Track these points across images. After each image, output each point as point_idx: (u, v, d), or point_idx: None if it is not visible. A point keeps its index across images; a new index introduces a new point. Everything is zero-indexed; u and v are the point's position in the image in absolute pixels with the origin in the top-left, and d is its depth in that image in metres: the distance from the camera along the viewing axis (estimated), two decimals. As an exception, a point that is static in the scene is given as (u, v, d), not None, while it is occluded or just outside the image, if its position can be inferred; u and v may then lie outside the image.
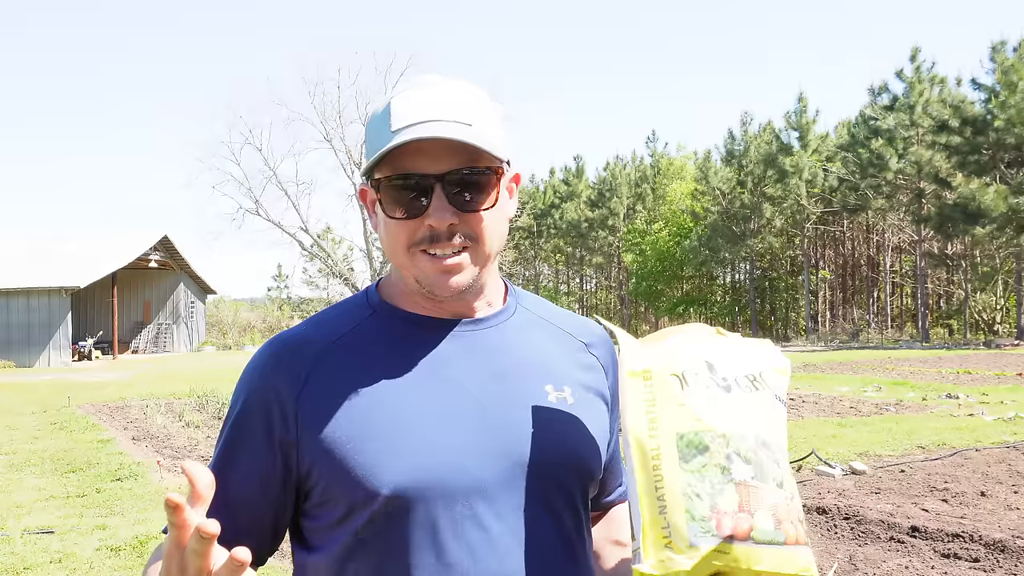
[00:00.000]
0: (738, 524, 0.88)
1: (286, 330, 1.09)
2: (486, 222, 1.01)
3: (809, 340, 38.20)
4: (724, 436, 0.93)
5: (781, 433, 1.00)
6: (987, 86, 31.73)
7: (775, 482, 0.92)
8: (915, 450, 8.13)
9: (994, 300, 38.80)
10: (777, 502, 0.91)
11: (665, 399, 0.96)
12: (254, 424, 1.02)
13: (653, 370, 0.98)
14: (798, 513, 0.94)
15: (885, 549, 4.85)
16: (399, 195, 0.99)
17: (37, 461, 8.71)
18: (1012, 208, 29.19)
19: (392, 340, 1.05)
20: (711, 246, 43.49)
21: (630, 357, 0.99)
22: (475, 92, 1.03)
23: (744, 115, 44.25)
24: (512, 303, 1.14)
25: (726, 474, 0.90)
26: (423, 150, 0.97)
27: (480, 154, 0.98)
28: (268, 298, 65.28)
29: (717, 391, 0.98)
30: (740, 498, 0.89)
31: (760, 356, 1.06)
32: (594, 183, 54.32)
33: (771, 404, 1.01)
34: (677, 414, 0.94)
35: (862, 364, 21.10)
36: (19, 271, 29.97)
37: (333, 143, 37.28)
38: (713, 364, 1.00)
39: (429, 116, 0.97)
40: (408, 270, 1.02)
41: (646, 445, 0.93)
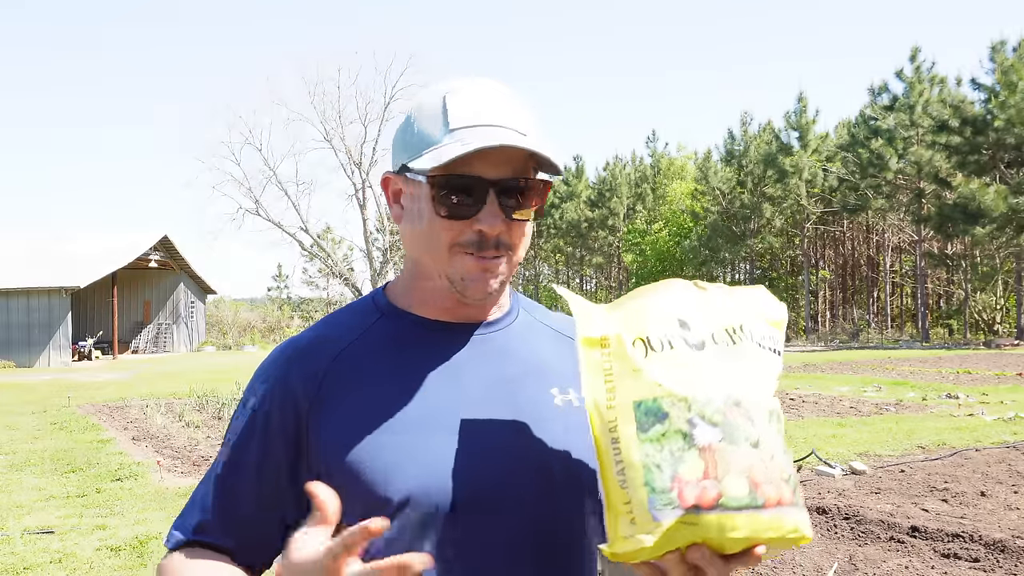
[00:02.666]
0: (703, 492, 0.82)
1: (299, 333, 1.10)
2: (527, 233, 1.02)
3: (809, 340, 38.21)
4: (685, 400, 0.86)
5: (762, 387, 0.92)
6: (987, 86, 31.74)
7: (748, 442, 0.85)
8: (915, 450, 8.13)
9: (994, 300, 38.80)
10: (752, 463, 0.84)
11: (622, 367, 0.90)
12: (269, 423, 1.02)
13: (611, 336, 0.92)
14: (781, 472, 0.86)
15: (885, 549, 4.85)
16: (452, 195, 0.97)
17: (37, 461, 8.71)
18: (1012, 208, 29.19)
19: (402, 344, 1.05)
20: (711, 246, 43.49)
21: (586, 324, 0.94)
22: (524, 100, 1.03)
23: (744, 115, 44.26)
24: (515, 306, 1.14)
25: (688, 440, 0.84)
26: (482, 154, 0.96)
27: (533, 163, 0.99)
28: (268, 298, 65.32)
29: (686, 351, 0.91)
30: (705, 464, 0.83)
31: (746, 306, 0.99)
32: (594, 183, 54.34)
33: (753, 357, 0.94)
34: (634, 380, 0.89)
35: (862, 364, 21.10)
36: (19, 271, 29.97)
37: (333, 143, 37.30)
38: (686, 321, 0.94)
39: (489, 120, 0.96)
40: (443, 268, 1.01)
41: (604, 416, 0.89)
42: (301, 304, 60.50)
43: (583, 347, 0.93)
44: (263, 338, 43.86)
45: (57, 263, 30.53)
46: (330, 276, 49.68)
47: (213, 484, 1.04)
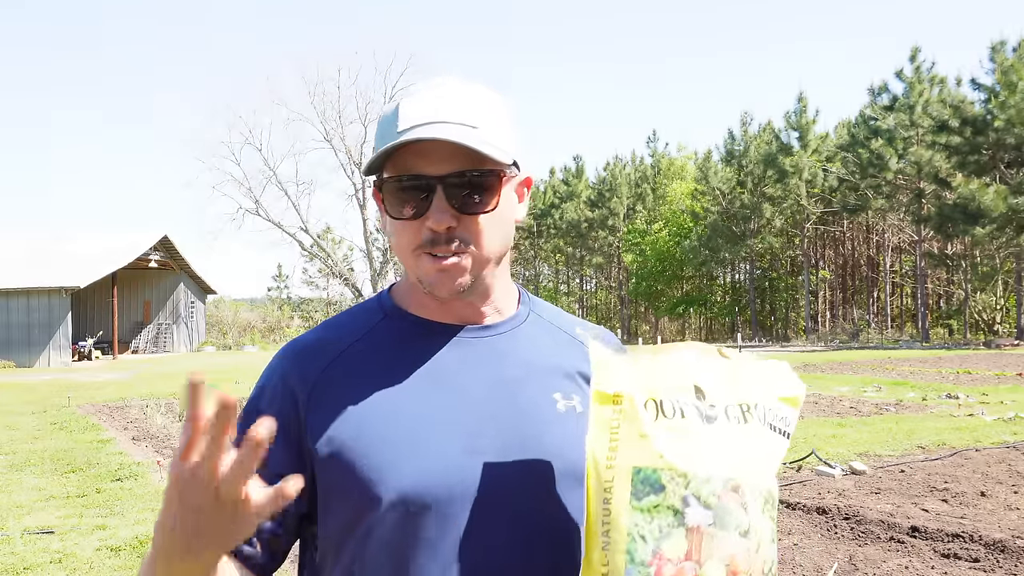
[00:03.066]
0: (680, 573, 0.82)
1: (302, 334, 1.11)
2: (485, 226, 1.00)
3: (809, 340, 38.21)
4: (685, 476, 0.86)
5: (764, 472, 0.91)
6: (987, 86, 31.75)
7: (738, 531, 0.85)
8: (915, 450, 8.13)
9: (994, 300, 38.80)
10: (736, 552, 0.84)
11: (629, 428, 0.90)
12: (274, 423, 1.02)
13: (626, 394, 0.92)
14: (764, 563, 0.86)
15: (885, 549, 4.85)
16: (401, 196, 0.99)
17: (37, 461, 8.71)
18: (1012, 208, 29.20)
19: (402, 345, 1.06)
20: (711, 246, 43.49)
21: (603, 377, 0.93)
22: (486, 94, 1.02)
23: (744, 115, 44.30)
24: (524, 310, 1.14)
25: (678, 517, 0.84)
26: (427, 151, 0.97)
27: (483, 157, 0.97)
28: (268, 298, 65.29)
29: (696, 422, 0.90)
30: (690, 545, 0.83)
31: (765, 383, 0.97)
32: (594, 183, 54.34)
33: (761, 439, 0.93)
34: (638, 446, 0.88)
35: (862, 364, 21.10)
36: (19, 271, 29.97)
37: (333, 143, 37.31)
38: (703, 389, 0.93)
39: (435, 117, 0.96)
40: (413, 271, 1.03)
41: (602, 475, 0.89)
42: (301, 304, 60.46)
43: (595, 401, 0.93)
44: (263, 338, 43.87)
45: (57, 263, 30.52)
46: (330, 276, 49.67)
47: None
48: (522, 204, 1.10)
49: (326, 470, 0.99)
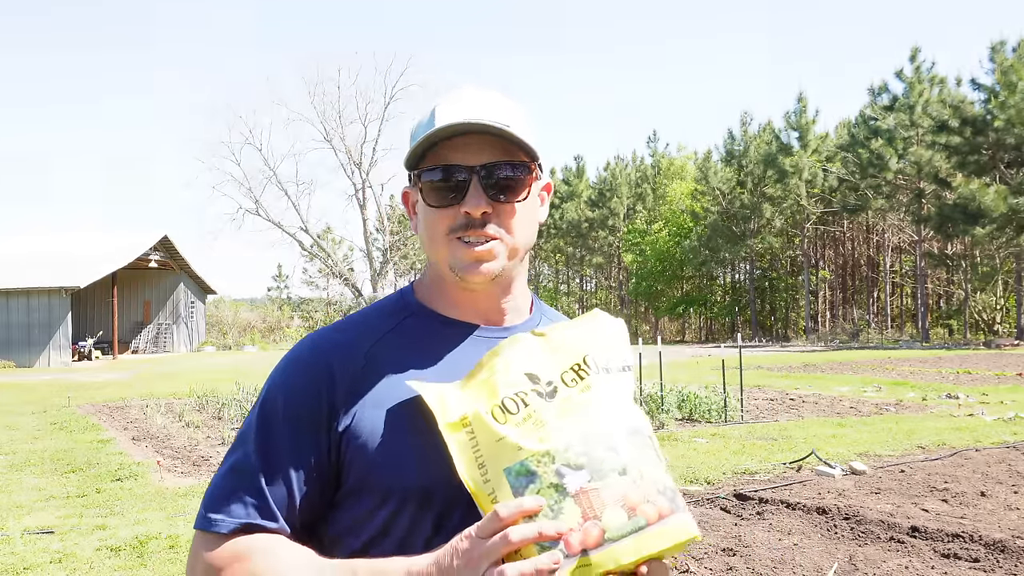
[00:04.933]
0: (587, 535, 0.87)
1: (327, 327, 1.14)
2: (517, 215, 1.08)
3: (809, 340, 38.20)
4: (547, 454, 0.91)
5: (618, 412, 0.97)
6: (987, 86, 31.76)
7: (615, 472, 0.90)
8: (915, 450, 8.13)
9: (994, 300, 38.81)
10: (625, 491, 0.89)
11: (486, 440, 0.94)
12: (301, 417, 1.05)
13: (470, 414, 0.97)
14: (656, 486, 0.92)
15: (885, 549, 4.85)
16: (439, 185, 1.06)
17: (37, 461, 8.71)
18: (1012, 208, 29.20)
19: (428, 342, 1.10)
20: (711, 246, 43.49)
21: (442, 410, 0.98)
22: (512, 100, 1.11)
23: (744, 115, 44.32)
24: (537, 314, 1.20)
25: (561, 491, 0.89)
26: (463, 145, 1.05)
27: (514, 152, 1.07)
28: (268, 298, 65.26)
29: (539, 403, 0.96)
30: (582, 508, 0.88)
31: (585, 337, 1.05)
32: (594, 183, 54.35)
33: (602, 386, 0.99)
34: (499, 451, 0.93)
35: (862, 364, 21.09)
36: (19, 271, 29.97)
37: (333, 143, 37.33)
38: (535, 373, 1.00)
39: (470, 116, 1.04)
40: (443, 257, 1.08)
41: (484, 492, 0.93)
42: (301, 304, 60.43)
43: (448, 434, 0.97)
44: (263, 338, 43.86)
45: (57, 263, 30.52)
46: (330, 276, 49.66)
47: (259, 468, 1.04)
48: (543, 207, 1.18)
49: (353, 463, 1.02)
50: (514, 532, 0.86)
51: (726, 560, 4.67)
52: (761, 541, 5.01)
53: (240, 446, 1.07)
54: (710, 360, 22.64)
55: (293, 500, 1.04)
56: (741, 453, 8.08)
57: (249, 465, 1.04)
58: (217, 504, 1.04)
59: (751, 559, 4.67)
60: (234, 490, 1.04)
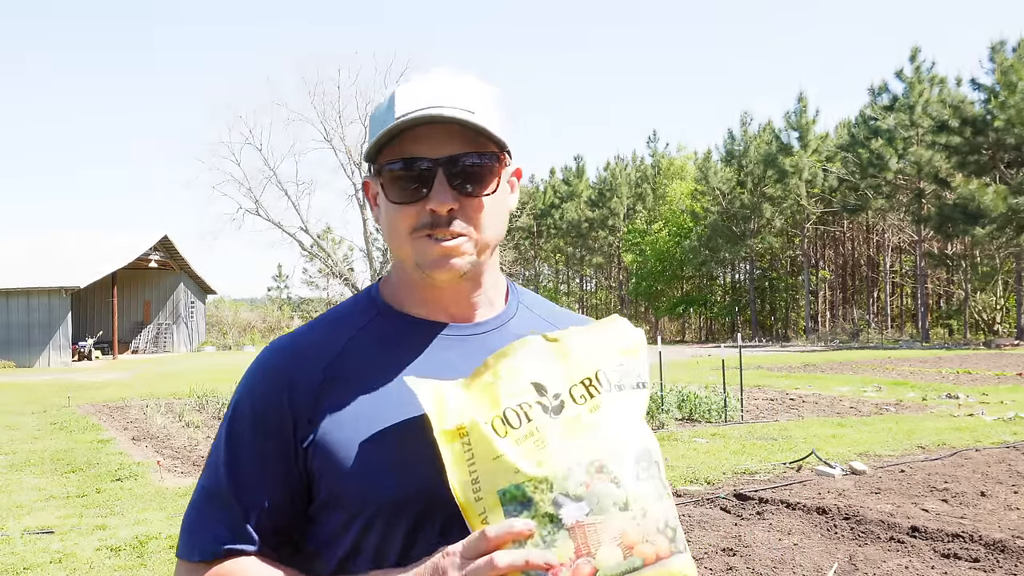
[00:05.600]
0: (577, 572, 0.82)
1: (294, 331, 1.09)
2: (486, 209, 1.01)
3: (809, 340, 38.20)
4: (546, 480, 0.86)
5: (628, 436, 0.91)
6: (987, 86, 31.75)
7: (616, 507, 0.85)
8: (915, 450, 8.13)
9: (994, 300, 38.81)
10: (624, 528, 0.84)
11: (482, 453, 0.89)
12: (267, 424, 1.01)
13: (467, 424, 0.90)
14: (657, 524, 0.87)
15: (885, 549, 4.85)
16: (401, 180, 1.00)
17: (37, 461, 8.71)
18: (1012, 208, 29.20)
19: (396, 344, 1.05)
20: (711, 246, 43.49)
21: (440, 416, 0.92)
22: (480, 84, 1.03)
23: (744, 115, 44.32)
24: (513, 304, 1.13)
25: (555, 522, 0.84)
26: (426, 136, 0.98)
27: (481, 141, 0.99)
28: (268, 298, 65.31)
29: (544, 419, 0.90)
30: (576, 543, 0.83)
31: (600, 348, 0.98)
32: (594, 183, 54.34)
33: (612, 406, 0.93)
34: (495, 469, 0.88)
35: (862, 364, 21.09)
36: (19, 271, 29.96)
37: (333, 143, 37.30)
38: (542, 383, 0.93)
39: (433, 103, 0.97)
40: (409, 255, 1.01)
41: (475, 508, 0.88)
42: (301, 304, 60.47)
43: (442, 442, 0.91)
44: (263, 338, 43.81)
45: (57, 263, 30.51)
46: (330, 276, 49.66)
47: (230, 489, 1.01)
48: (514, 194, 1.10)
49: (322, 472, 0.98)
50: (501, 557, 0.81)
51: (726, 560, 4.67)
52: (761, 541, 5.01)
53: (211, 464, 1.04)
54: (710, 360, 22.63)
55: (267, 514, 1.00)
56: (741, 453, 8.08)
57: (221, 487, 1.01)
58: (194, 531, 1.02)
59: (751, 559, 4.67)
60: (210, 514, 1.01)
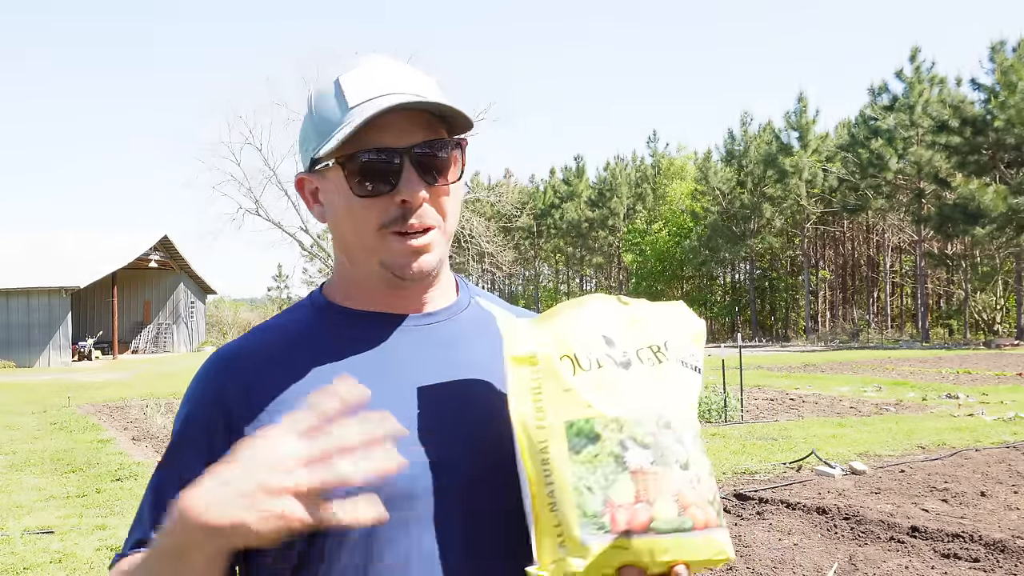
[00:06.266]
0: (634, 516, 0.81)
1: (232, 340, 1.05)
2: (451, 197, 0.98)
3: (809, 340, 38.20)
4: (617, 421, 0.85)
5: (689, 408, 0.92)
6: (987, 86, 31.76)
7: (678, 464, 0.85)
8: (915, 450, 8.13)
9: (994, 300, 38.82)
10: (681, 487, 0.84)
11: (552, 385, 0.88)
12: (198, 435, 0.98)
13: (540, 353, 0.90)
14: (708, 494, 0.87)
15: (885, 549, 4.85)
16: (366, 172, 0.94)
17: (37, 461, 8.71)
18: (1012, 208, 29.21)
19: (339, 340, 1.00)
20: (711, 246, 43.51)
21: (513, 340, 0.91)
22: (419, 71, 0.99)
23: (744, 115, 44.34)
24: (464, 298, 1.10)
25: (620, 463, 0.83)
26: (386, 125, 0.93)
27: (437, 126, 0.96)
28: (268, 298, 65.41)
29: (614, 369, 0.90)
30: (637, 488, 0.82)
31: (668, 322, 0.98)
32: (594, 183, 54.35)
33: (677, 376, 0.93)
34: (565, 401, 0.87)
35: (862, 364, 21.10)
36: (19, 271, 29.97)
37: (333, 143, 37.25)
38: (611, 338, 0.93)
39: (386, 89, 0.93)
40: (374, 254, 0.97)
41: (534, 437, 0.86)
42: (301, 304, 60.48)
43: (511, 365, 0.90)
44: (263, 338, 43.83)
45: (57, 263, 30.52)
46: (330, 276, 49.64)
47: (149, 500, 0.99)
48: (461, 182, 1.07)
49: None
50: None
51: (726, 560, 4.67)
52: (761, 541, 5.01)
53: (156, 468, 1.02)
54: (710, 360, 22.54)
55: None
56: (741, 453, 8.08)
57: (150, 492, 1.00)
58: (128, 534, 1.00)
59: (751, 559, 4.67)
60: (139, 516, 0.99)
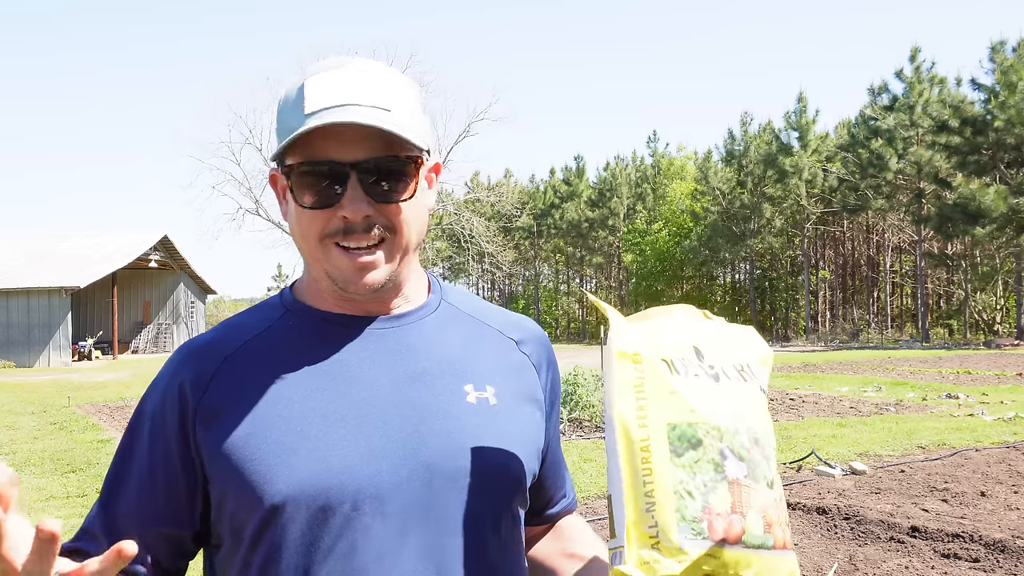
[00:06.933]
0: (731, 526, 0.82)
1: (198, 334, 1.04)
2: (404, 214, 0.95)
3: (809, 340, 38.21)
4: (718, 429, 0.86)
5: (769, 429, 0.93)
6: (987, 86, 31.76)
7: (766, 482, 0.86)
8: (915, 450, 8.13)
9: (994, 300, 38.85)
10: (767, 504, 0.85)
11: (656, 385, 0.88)
12: (161, 427, 0.97)
13: (644, 353, 0.90)
14: (785, 516, 0.88)
15: (885, 549, 4.85)
16: (311, 183, 0.92)
17: (37, 461, 8.71)
18: (1012, 208, 29.22)
19: (302, 340, 0.99)
20: (711, 246, 43.53)
21: (620, 338, 0.91)
22: (395, 76, 0.96)
23: (744, 115, 44.35)
24: (435, 299, 1.08)
25: (719, 471, 0.84)
26: (338, 135, 0.90)
27: (398, 142, 0.92)
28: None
29: (706, 380, 0.90)
30: (733, 498, 0.83)
31: (746, 344, 0.99)
32: (594, 183, 54.36)
33: (758, 397, 0.94)
34: (669, 402, 0.87)
35: (862, 364, 21.10)
36: (19, 271, 30.00)
37: (333, 143, 37.30)
38: (701, 351, 0.93)
39: (345, 100, 0.90)
40: (319, 264, 0.95)
41: (634, 435, 0.85)
42: (301, 304, 60.51)
43: (617, 360, 0.89)
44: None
45: (57, 263, 30.54)
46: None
47: (105, 490, 0.99)
48: (432, 190, 1.03)
49: (215, 474, 0.93)
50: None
51: (726, 560, 4.68)
52: (761, 541, 5.02)
53: (112, 460, 1.01)
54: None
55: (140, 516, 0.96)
56: (741, 453, 8.07)
57: (106, 482, 0.99)
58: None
59: (751, 559, 4.67)
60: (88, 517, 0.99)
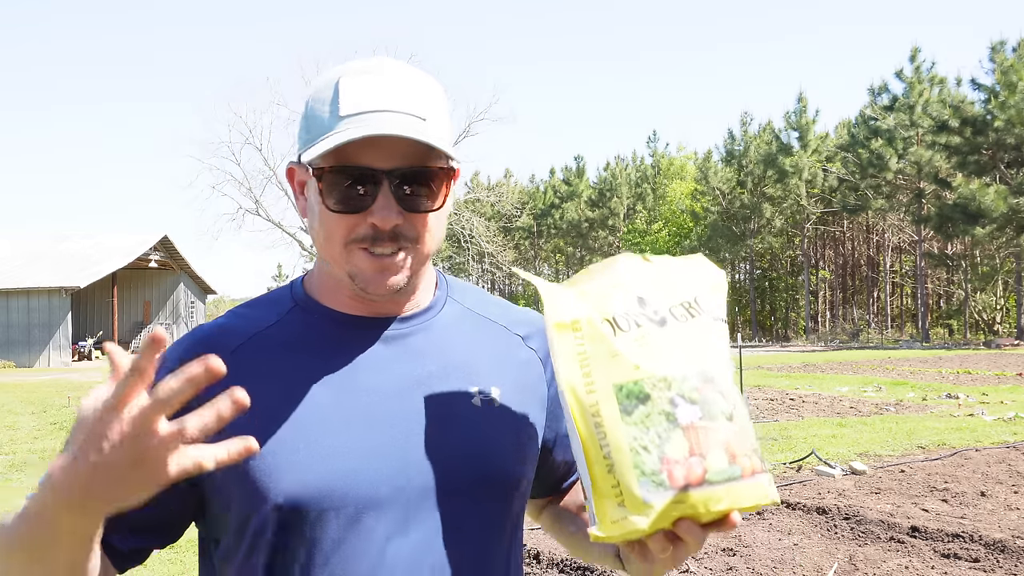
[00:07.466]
0: (691, 471, 0.83)
1: (206, 322, 1.02)
2: (430, 224, 0.95)
3: (809, 340, 38.22)
4: (665, 380, 0.87)
5: (725, 360, 0.93)
6: (987, 86, 31.78)
7: (724, 416, 0.87)
8: (915, 450, 8.13)
9: (994, 300, 38.86)
10: (728, 437, 0.86)
11: (598, 350, 0.89)
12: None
13: (582, 319, 0.91)
14: (752, 443, 0.89)
15: (885, 549, 4.85)
16: (343, 187, 0.91)
17: (37, 461, 8.71)
18: (1012, 208, 29.24)
19: (311, 339, 0.99)
20: (711, 246, 43.54)
21: (555, 308, 0.92)
22: (428, 81, 0.96)
23: (744, 115, 44.42)
24: (441, 297, 1.07)
25: (672, 420, 0.85)
26: (373, 141, 0.90)
27: (432, 152, 0.92)
28: (268, 298, 65.34)
29: (651, 328, 0.91)
30: (690, 442, 0.84)
31: (693, 277, 1.00)
32: (595, 183, 54.38)
33: (710, 330, 0.95)
34: (612, 364, 0.88)
35: (862, 364, 21.10)
36: (19, 271, 30.01)
37: (333, 143, 37.30)
38: (644, 298, 0.94)
39: (382, 105, 0.90)
40: (342, 266, 0.95)
41: (584, 401, 0.87)
42: (301, 304, 60.46)
43: (555, 332, 0.91)
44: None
45: (57, 263, 30.55)
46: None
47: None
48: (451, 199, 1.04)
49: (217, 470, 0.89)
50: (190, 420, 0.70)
51: (726, 560, 4.67)
52: (761, 541, 5.02)
53: None
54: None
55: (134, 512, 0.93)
56: (741, 453, 8.07)
57: None
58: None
59: (751, 559, 4.67)
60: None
